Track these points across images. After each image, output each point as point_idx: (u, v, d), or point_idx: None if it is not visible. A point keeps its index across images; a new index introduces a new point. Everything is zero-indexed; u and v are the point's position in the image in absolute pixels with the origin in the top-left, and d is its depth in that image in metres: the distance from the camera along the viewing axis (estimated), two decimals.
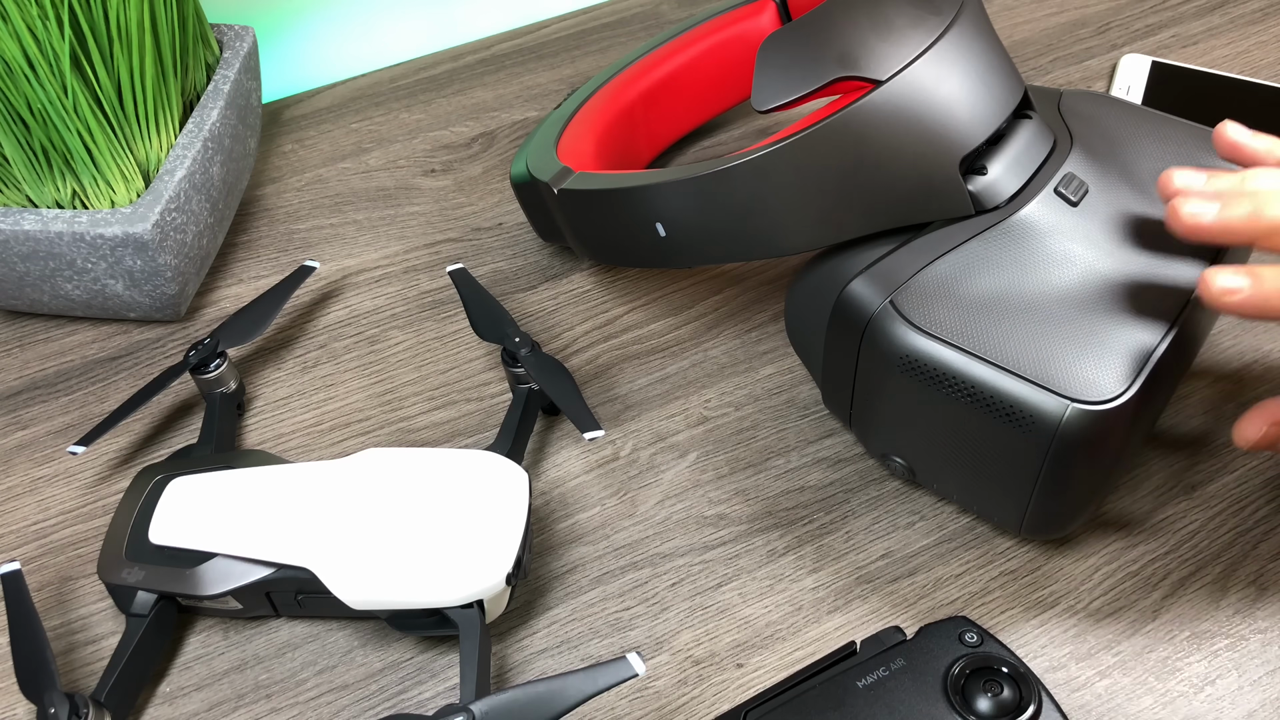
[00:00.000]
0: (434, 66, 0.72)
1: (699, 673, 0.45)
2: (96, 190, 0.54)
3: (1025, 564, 0.48)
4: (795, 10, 0.61)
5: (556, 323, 0.58)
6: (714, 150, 0.66)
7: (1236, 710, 0.43)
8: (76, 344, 0.58)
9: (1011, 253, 0.43)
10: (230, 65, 0.59)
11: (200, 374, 0.52)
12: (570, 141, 0.56)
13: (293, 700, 0.45)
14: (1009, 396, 0.41)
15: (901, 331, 0.42)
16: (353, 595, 0.43)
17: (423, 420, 0.54)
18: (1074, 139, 0.47)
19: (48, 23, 0.49)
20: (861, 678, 0.40)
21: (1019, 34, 0.72)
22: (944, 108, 0.43)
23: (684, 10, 0.75)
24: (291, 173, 0.66)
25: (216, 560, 0.44)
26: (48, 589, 0.48)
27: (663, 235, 0.48)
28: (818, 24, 0.45)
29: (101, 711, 0.42)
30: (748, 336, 0.56)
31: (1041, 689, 0.39)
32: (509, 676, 0.45)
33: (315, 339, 0.58)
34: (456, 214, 0.63)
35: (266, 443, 0.53)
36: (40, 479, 0.52)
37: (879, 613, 0.46)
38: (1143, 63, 0.68)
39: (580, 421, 0.48)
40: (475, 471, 0.45)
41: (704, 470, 0.51)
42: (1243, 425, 0.44)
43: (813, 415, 0.53)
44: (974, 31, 0.44)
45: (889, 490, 0.50)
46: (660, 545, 0.49)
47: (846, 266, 0.45)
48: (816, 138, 0.43)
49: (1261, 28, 0.71)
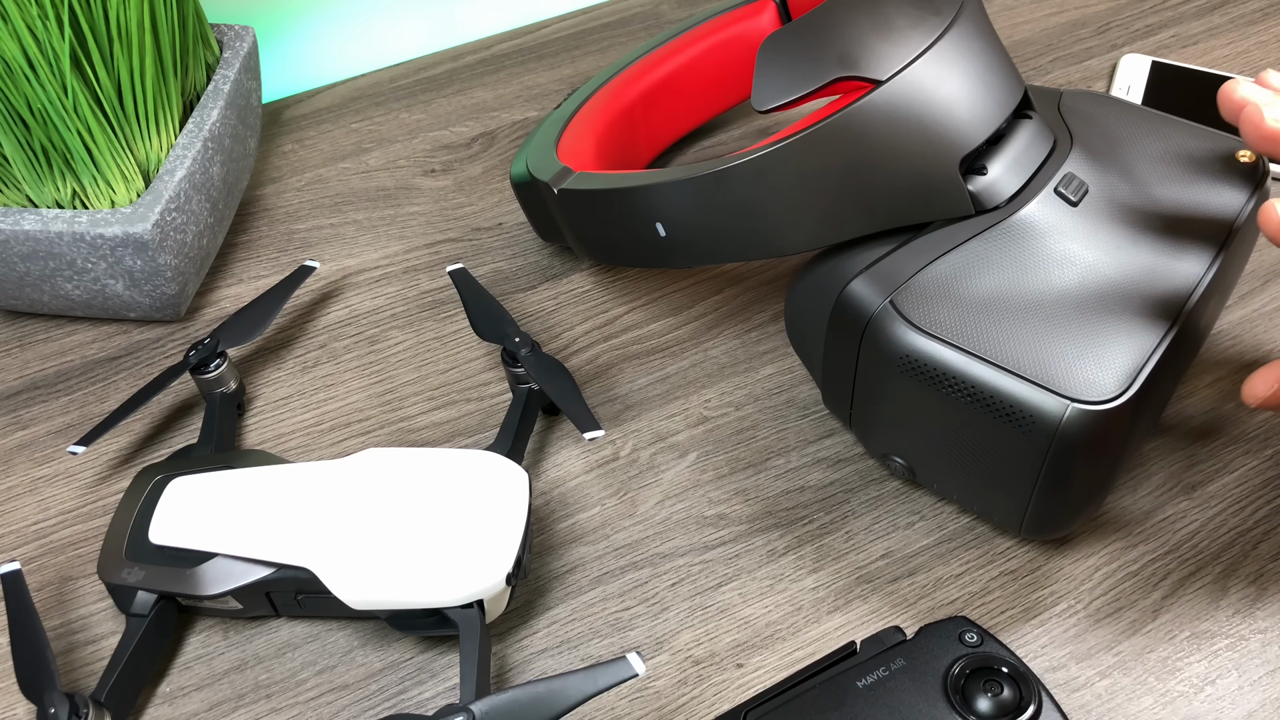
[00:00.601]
0: (434, 66, 0.72)
1: (699, 673, 0.45)
2: (96, 190, 0.54)
3: (1025, 564, 0.48)
4: (795, 10, 0.61)
5: (556, 323, 0.58)
6: (714, 150, 0.66)
7: (1236, 710, 0.43)
8: (76, 344, 0.58)
9: (1011, 253, 0.43)
10: (230, 65, 0.59)
11: (200, 374, 0.52)
12: (570, 141, 0.56)
13: (293, 700, 0.45)
14: (1009, 396, 0.41)
15: (901, 331, 0.42)
16: (353, 595, 0.43)
17: (423, 420, 0.54)
18: (1074, 139, 0.47)
19: (48, 23, 0.49)
20: (861, 678, 0.40)
21: (1019, 34, 0.72)
22: (944, 108, 0.43)
23: (684, 10, 0.75)
24: (291, 173, 0.66)
25: (216, 560, 0.44)
26: (48, 589, 0.48)
27: (663, 235, 0.48)
28: (818, 24, 0.45)
29: (101, 711, 0.42)
30: (748, 336, 0.56)
31: (1041, 689, 0.39)
32: (509, 676, 0.45)
33: (315, 339, 0.58)
34: (456, 214, 0.63)
35: (266, 443, 0.53)
36: (40, 479, 0.52)
37: (879, 613, 0.46)
38: (1143, 63, 0.68)
39: (580, 421, 0.48)
40: (475, 471, 0.45)
41: (704, 470, 0.51)
42: (1253, 382, 0.43)
43: (813, 415, 0.53)
44: (974, 31, 0.44)
45: (889, 490, 0.50)
46: (660, 545, 0.49)
47: (846, 266, 0.45)
48: (816, 138, 0.43)
49: (1261, 28, 0.71)
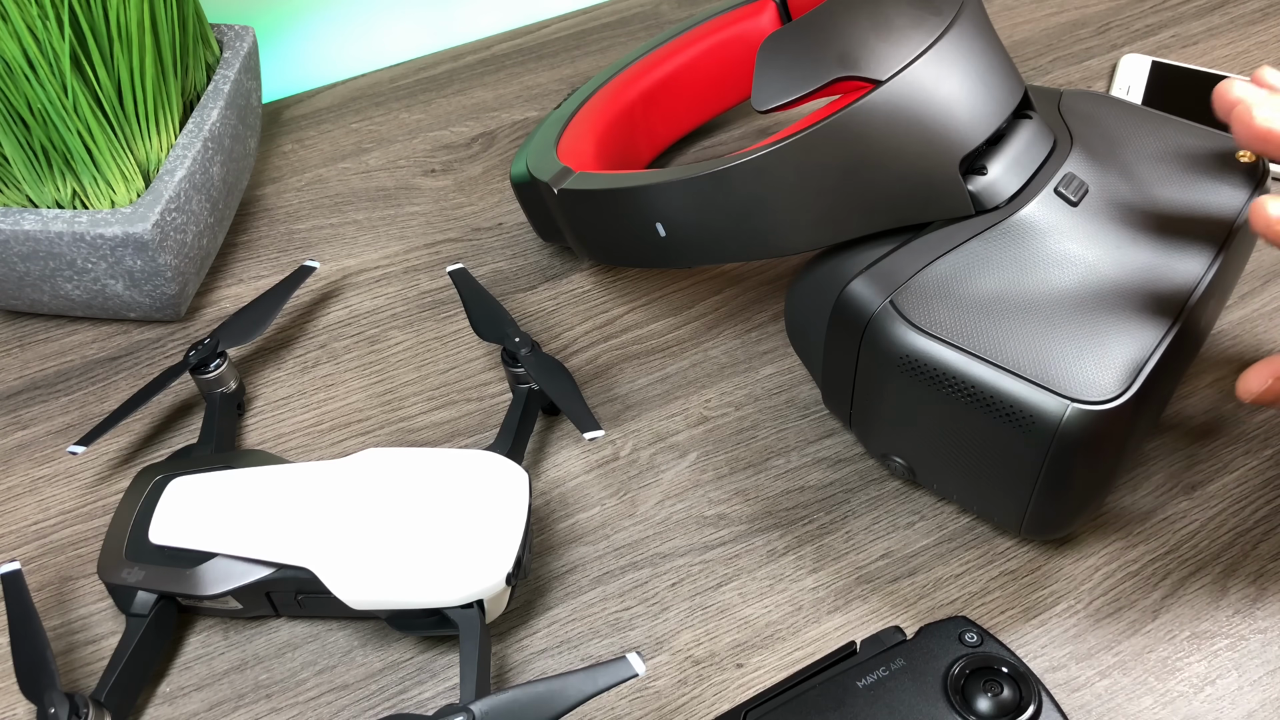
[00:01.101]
0: (434, 66, 0.72)
1: (699, 673, 0.45)
2: (96, 190, 0.54)
3: (1025, 564, 0.48)
4: (795, 10, 0.61)
5: (556, 323, 0.58)
6: (714, 150, 0.66)
7: (1236, 710, 0.43)
8: (76, 344, 0.58)
9: (1011, 253, 0.43)
10: (230, 65, 0.59)
11: (200, 374, 0.52)
12: (570, 141, 0.56)
13: (293, 700, 0.45)
14: (1009, 396, 0.41)
15: (901, 331, 0.42)
16: (353, 595, 0.43)
17: (423, 420, 0.54)
18: (1074, 139, 0.47)
19: (48, 23, 0.49)
20: (861, 678, 0.40)
21: (1019, 34, 0.72)
22: (944, 108, 0.43)
23: (684, 10, 0.75)
24: (291, 173, 0.66)
25: (216, 560, 0.44)
26: (48, 589, 0.48)
27: (663, 235, 0.48)
28: (818, 24, 0.45)
29: (101, 711, 0.42)
30: (748, 336, 0.56)
31: (1041, 689, 0.39)
32: (509, 676, 0.45)
33: (315, 339, 0.58)
34: (456, 214, 0.63)
35: (266, 443, 0.53)
36: (40, 479, 0.52)
37: (879, 613, 0.46)
38: (1143, 63, 0.68)
39: (580, 421, 0.48)
40: (475, 471, 0.45)
41: (704, 470, 0.51)
42: (1247, 377, 0.43)
43: (813, 415, 0.53)
44: (974, 31, 0.44)
45: (889, 490, 0.50)
46: (660, 545, 0.49)
47: (846, 266, 0.45)
48: (816, 138, 0.43)
49: (1261, 28, 0.71)
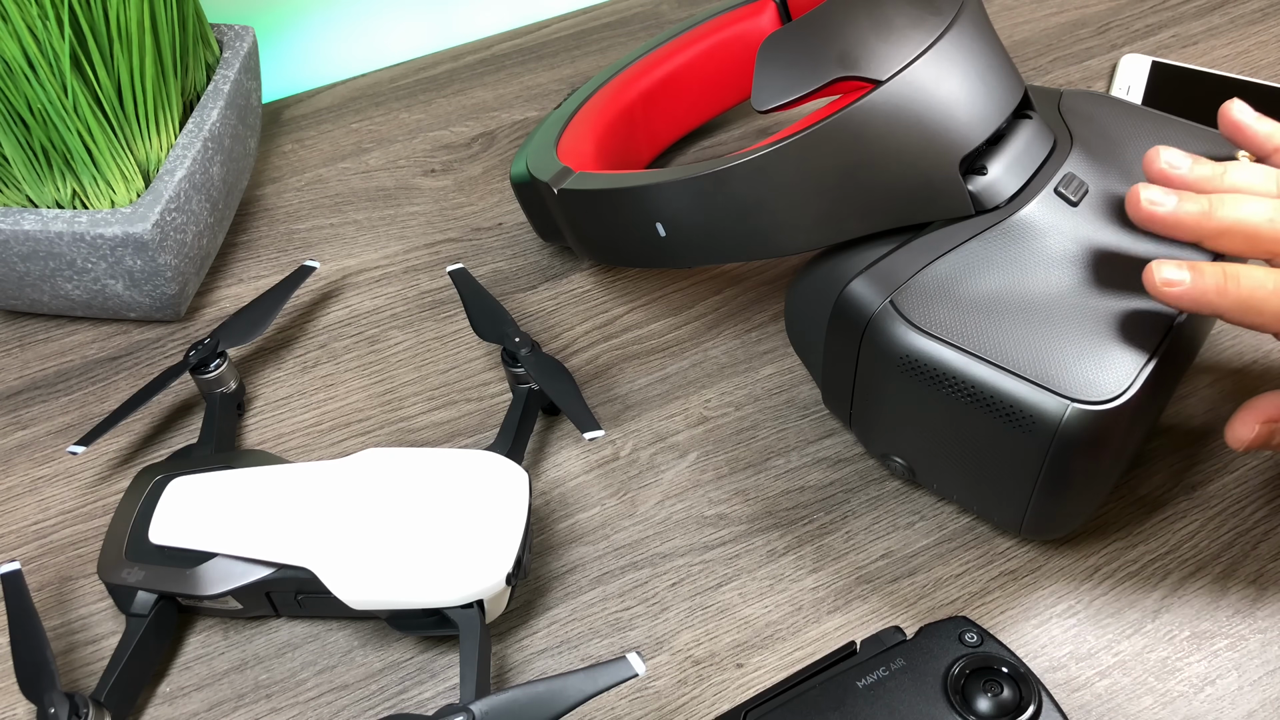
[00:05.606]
0: (434, 66, 0.72)
1: (699, 673, 0.45)
2: (96, 190, 0.54)
3: (1025, 564, 0.48)
4: (795, 10, 0.61)
5: (556, 323, 0.58)
6: (714, 150, 0.66)
7: (1236, 710, 0.43)
8: (76, 344, 0.58)
9: (1011, 253, 0.43)
10: (230, 65, 0.59)
11: (200, 374, 0.52)
12: (570, 141, 0.56)
13: (293, 700, 0.45)
14: (1009, 396, 0.41)
15: (901, 331, 0.42)
16: (353, 595, 0.43)
17: (423, 420, 0.54)
18: (1074, 139, 0.47)
19: (48, 23, 0.49)
20: (861, 678, 0.40)
21: (1019, 34, 0.72)
22: (944, 108, 0.43)
23: (684, 10, 0.75)
24: (291, 173, 0.66)
25: (216, 560, 0.44)
26: (48, 589, 0.48)
27: (663, 235, 0.48)
28: (818, 24, 0.45)
29: (101, 711, 0.42)
30: (748, 336, 0.56)
31: (1041, 689, 0.39)
32: (509, 676, 0.45)
33: (315, 339, 0.58)
34: (456, 214, 0.63)
35: (266, 443, 0.53)
36: (40, 479, 0.52)
37: (879, 613, 0.46)
38: (1143, 63, 0.68)
39: (580, 421, 0.48)
40: (475, 471, 0.45)
41: (704, 470, 0.51)
42: (1234, 426, 0.44)
43: (813, 415, 0.53)
44: (974, 31, 0.44)
45: (889, 490, 0.50)
46: (660, 545, 0.49)
47: (846, 266, 0.45)
48: (816, 138, 0.43)
49: (1261, 28, 0.71)
